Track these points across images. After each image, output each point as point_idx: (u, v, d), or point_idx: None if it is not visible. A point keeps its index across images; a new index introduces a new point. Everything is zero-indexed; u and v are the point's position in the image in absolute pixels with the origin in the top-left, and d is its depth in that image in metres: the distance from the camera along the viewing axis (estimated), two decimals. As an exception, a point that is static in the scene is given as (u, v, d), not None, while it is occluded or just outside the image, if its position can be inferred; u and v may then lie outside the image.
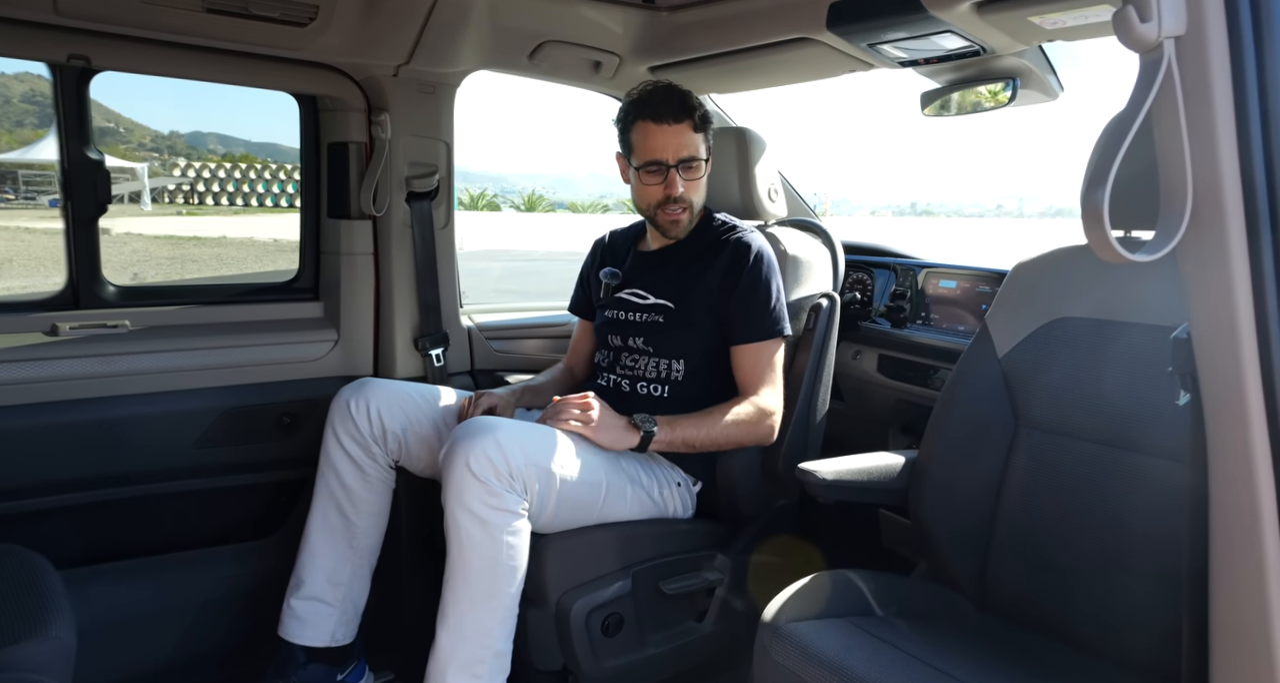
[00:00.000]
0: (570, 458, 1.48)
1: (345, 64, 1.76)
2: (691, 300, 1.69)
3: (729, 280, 1.66)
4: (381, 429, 1.61)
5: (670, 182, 1.63)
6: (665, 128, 1.62)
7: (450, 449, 1.37)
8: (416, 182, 1.88)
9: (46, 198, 19.10)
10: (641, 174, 1.66)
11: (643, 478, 1.63)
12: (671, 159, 1.63)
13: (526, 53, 1.88)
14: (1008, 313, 1.47)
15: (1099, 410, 1.31)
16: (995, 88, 1.74)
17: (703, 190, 1.70)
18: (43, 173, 19.77)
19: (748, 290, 1.65)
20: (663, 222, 1.69)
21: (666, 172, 1.63)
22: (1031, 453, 1.40)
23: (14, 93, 25.90)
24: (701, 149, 1.66)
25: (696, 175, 1.66)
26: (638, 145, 1.65)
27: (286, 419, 1.84)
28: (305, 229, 1.94)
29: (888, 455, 1.55)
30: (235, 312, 1.83)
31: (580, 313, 1.93)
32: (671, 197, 1.64)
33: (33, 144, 20.78)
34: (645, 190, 1.67)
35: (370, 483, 1.63)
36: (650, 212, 1.70)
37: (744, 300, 1.65)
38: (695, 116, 1.64)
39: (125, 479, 1.65)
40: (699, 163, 1.65)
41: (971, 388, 1.47)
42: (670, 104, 1.62)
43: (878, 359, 2.12)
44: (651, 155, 1.63)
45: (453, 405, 1.71)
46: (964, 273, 2.00)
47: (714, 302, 1.68)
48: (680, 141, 1.62)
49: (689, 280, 1.71)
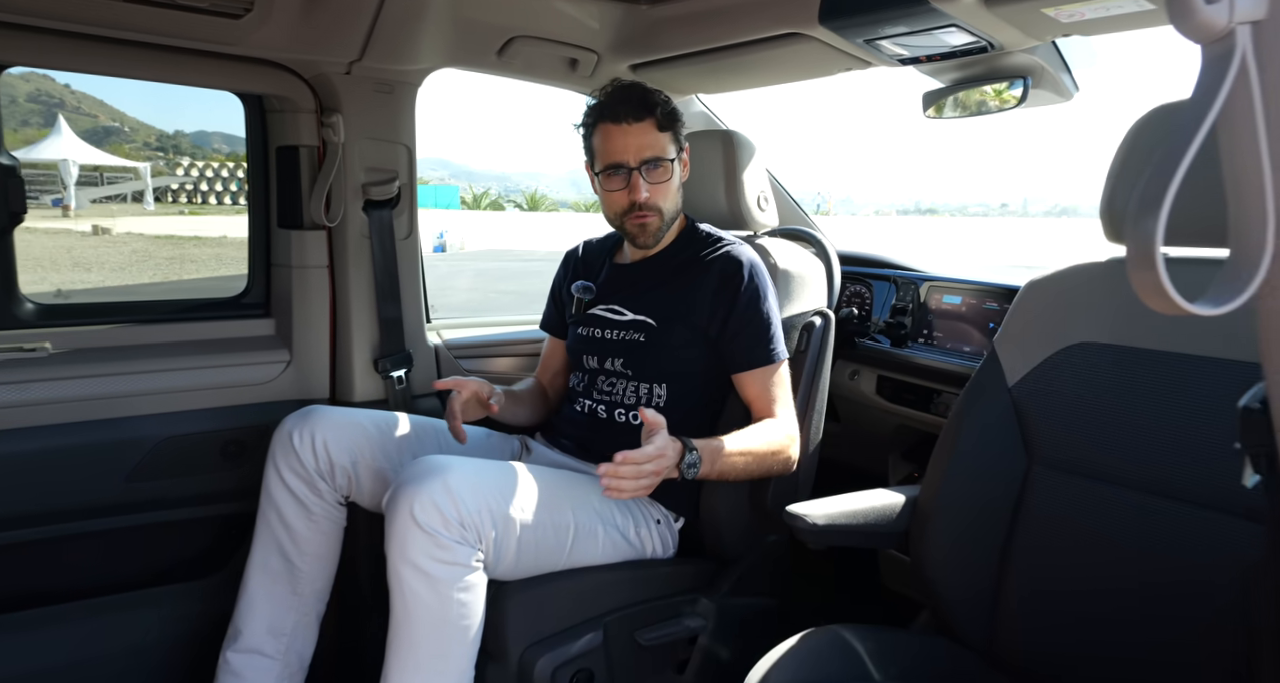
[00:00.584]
0: (533, 499, 1.33)
1: (291, 60, 1.61)
2: (675, 318, 1.55)
3: (722, 300, 1.52)
4: (329, 462, 1.47)
5: (633, 186, 1.49)
6: (625, 128, 1.48)
7: (394, 495, 1.22)
8: (374, 189, 1.74)
9: (49, 197, 19.09)
10: (603, 180, 1.53)
11: (617, 517, 1.48)
12: (633, 161, 1.49)
13: (494, 49, 1.74)
14: (1018, 336, 1.33)
15: (1123, 450, 1.18)
16: (1004, 88, 1.59)
17: (674, 195, 1.55)
18: (45, 173, 19.74)
19: (746, 311, 1.51)
20: (631, 230, 1.55)
21: (629, 175, 1.49)
22: (1046, 494, 1.26)
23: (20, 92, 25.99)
24: (668, 149, 1.52)
25: (663, 178, 1.52)
26: (599, 150, 1.52)
27: (233, 447, 1.70)
28: (254, 240, 1.79)
29: (886, 494, 1.41)
30: (176, 331, 1.68)
31: (552, 331, 1.79)
32: (636, 203, 1.50)
33: (35, 144, 20.76)
34: (609, 198, 1.54)
35: (316, 522, 1.49)
36: (617, 221, 1.57)
37: (745, 322, 1.51)
38: (658, 113, 1.49)
39: (44, 518, 1.50)
40: (665, 164, 1.51)
41: (978, 419, 1.34)
42: (628, 102, 1.48)
43: (876, 380, 1.98)
44: (611, 158, 1.50)
45: (409, 433, 1.57)
46: (970, 288, 1.84)
47: (701, 321, 1.53)
48: (642, 142, 1.49)
49: (672, 296, 1.56)
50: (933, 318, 1.90)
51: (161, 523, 1.64)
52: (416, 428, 1.60)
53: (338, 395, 1.83)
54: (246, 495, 1.65)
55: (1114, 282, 1.24)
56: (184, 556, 1.70)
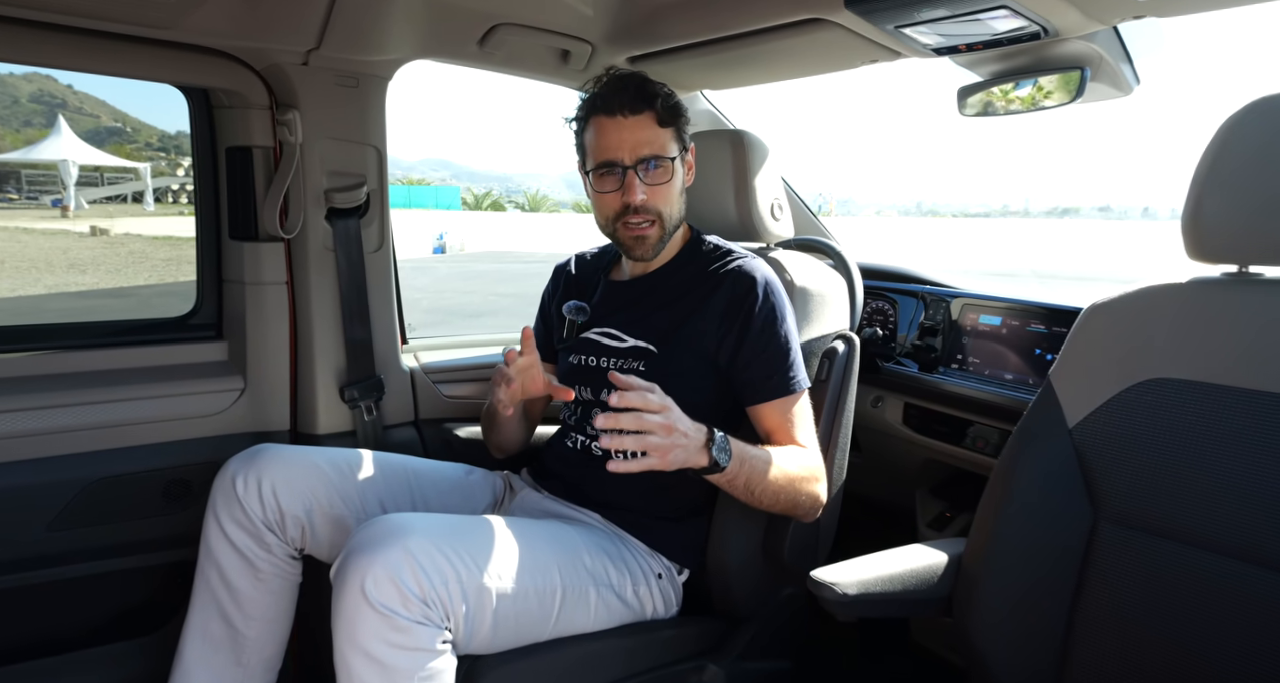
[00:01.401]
0: (513, 562, 1.14)
1: (238, 48, 1.40)
2: (679, 342, 1.34)
3: (733, 324, 1.32)
4: (278, 511, 1.27)
5: (628, 186, 1.29)
6: (619, 121, 1.29)
7: (343, 566, 1.03)
8: (338, 195, 1.53)
9: (49, 198, 18.99)
10: (594, 179, 1.33)
11: (612, 575, 1.29)
12: (628, 158, 1.29)
13: (475, 38, 1.53)
14: (1080, 368, 1.14)
15: (1208, 507, 1.00)
16: (1054, 81, 1.38)
17: (675, 200, 1.35)
18: (46, 173, 19.64)
19: (761, 336, 1.31)
20: (624, 239, 1.35)
21: (623, 175, 1.30)
22: (1116, 556, 1.08)
23: (22, 93, 26.00)
24: (669, 146, 1.32)
25: (663, 179, 1.31)
26: (591, 147, 1.33)
27: (177, 488, 1.50)
28: (203, 254, 1.59)
29: (924, 552, 1.22)
30: (113, 356, 1.48)
31: (543, 357, 1.57)
32: (630, 205, 1.30)
33: (36, 143, 20.66)
34: (601, 201, 1.34)
35: (264, 581, 1.29)
36: (610, 228, 1.36)
37: (760, 348, 1.31)
38: (658, 106, 1.30)
39: None
40: (666, 163, 1.31)
41: (1033, 465, 1.15)
42: (624, 92, 1.29)
43: (903, 408, 1.78)
44: (604, 155, 1.30)
45: (375, 475, 1.37)
46: (1012, 307, 1.64)
47: (709, 346, 1.33)
48: (638, 137, 1.29)
49: (676, 317, 1.36)
50: (967, 340, 1.69)
51: (94, 575, 1.44)
52: (385, 468, 1.40)
53: (299, 427, 1.63)
54: (192, 541, 1.44)
55: (1198, 306, 1.06)
56: (120, 611, 1.50)
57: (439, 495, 1.43)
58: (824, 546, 1.49)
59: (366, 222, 1.60)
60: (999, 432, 1.60)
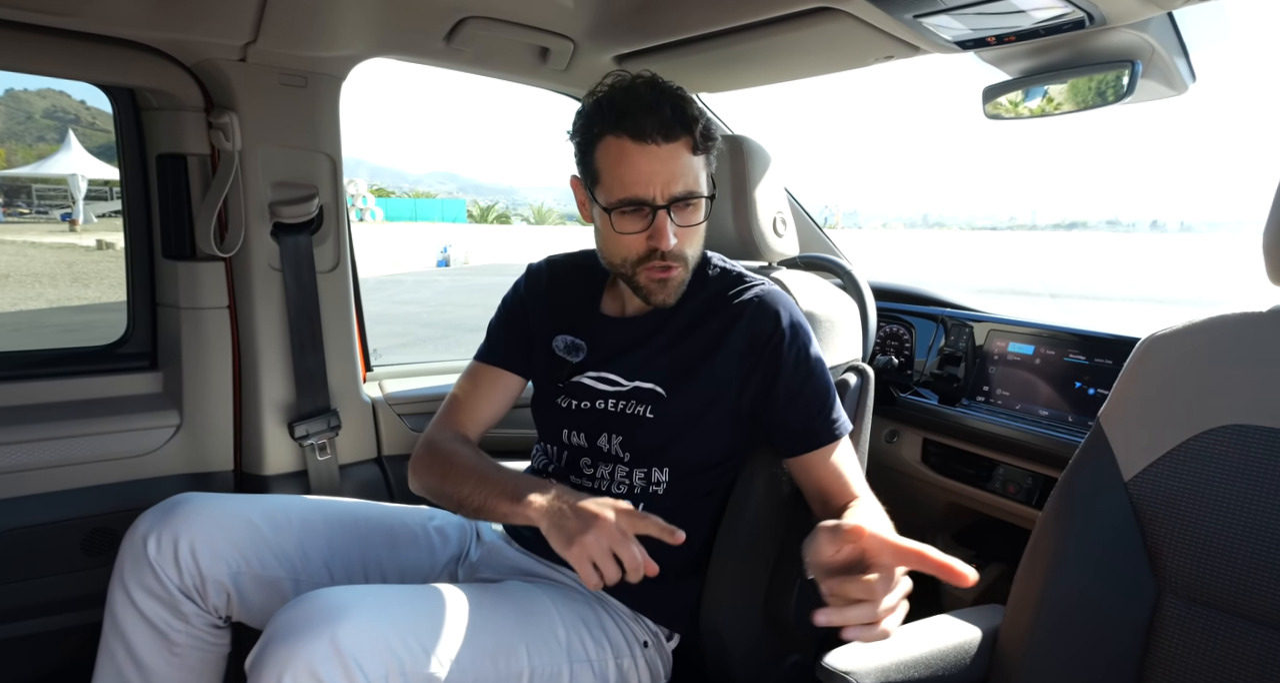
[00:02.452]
0: (469, 643, 0.96)
1: (162, 42, 1.23)
2: (694, 386, 1.14)
3: (757, 364, 1.13)
4: (197, 577, 1.09)
5: (657, 230, 1.06)
6: (651, 149, 1.04)
7: (258, 659, 0.86)
8: (285, 209, 1.36)
9: (59, 212, 19.04)
10: (614, 217, 1.09)
11: (590, 650, 1.10)
12: (660, 197, 1.06)
13: (440, 33, 1.36)
14: (1138, 410, 0.97)
15: None
16: (1099, 78, 1.21)
17: (701, 241, 1.15)
18: (56, 187, 19.69)
19: (795, 375, 1.12)
20: (645, 284, 1.12)
21: (653, 215, 1.07)
22: (1185, 638, 0.91)
23: (36, 109, 26.28)
24: (703, 181, 1.09)
25: (696, 219, 1.10)
26: (608, 174, 1.08)
27: (99, 539, 1.33)
28: (134, 274, 1.42)
29: (953, 626, 1.05)
30: (30, 390, 1.31)
31: (506, 363, 1.29)
32: (660, 251, 1.08)
33: (47, 158, 20.72)
34: (619, 241, 1.10)
35: (180, 657, 1.11)
36: (628, 270, 1.13)
37: (796, 390, 1.12)
38: (695, 132, 1.06)
39: None
40: (699, 202, 1.09)
41: (1082, 526, 0.98)
42: (658, 113, 1.04)
43: (921, 445, 1.59)
44: (631, 191, 1.06)
45: (319, 527, 1.19)
46: (1046, 334, 1.46)
47: (729, 391, 1.14)
48: (673, 170, 1.05)
49: (687, 356, 1.16)
50: (994, 369, 1.51)
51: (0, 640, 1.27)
52: (331, 520, 1.21)
53: (244, 468, 1.45)
54: None
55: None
56: (27, 680, 1.32)
57: (393, 548, 1.25)
58: None
59: (319, 237, 1.43)
60: (1031, 475, 1.41)
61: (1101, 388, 1.35)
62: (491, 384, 1.28)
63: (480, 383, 1.29)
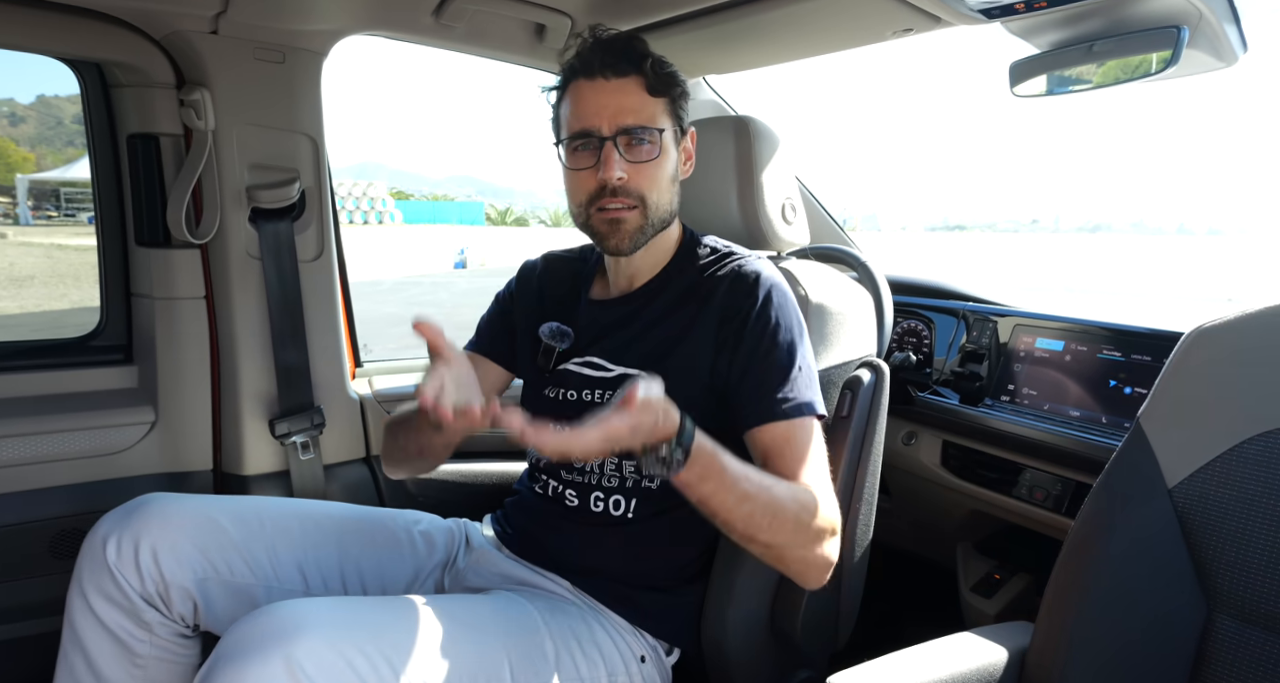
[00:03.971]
0: (445, 660, 0.88)
1: (127, 10, 1.16)
2: (676, 367, 1.07)
3: (728, 334, 1.05)
4: (160, 582, 1.02)
5: (605, 160, 1.04)
6: (599, 84, 1.04)
7: (208, 677, 0.79)
8: (263, 193, 1.29)
9: (86, 214, 19.30)
10: (567, 154, 1.08)
11: (581, 667, 1.02)
12: (606, 128, 1.04)
13: (429, 8, 1.29)
14: (1183, 410, 0.88)
15: None
16: (1140, 48, 1.11)
17: (664, 185, 1.08)
18: (83, 190, 19.97)
19: (758, 345, 1.03)
20: (598, 225, 1.08)
21: (600, 147, 1.04)
22: (1242, 665, 0.82)
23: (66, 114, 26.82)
24: (659, 117, 1.06)
25: (648, 156, 1.05)
26: (565, 115, 1.08)
27: (68, 541, 1.26)
28: (107, 262, 1.35)
29: (975, 646, 0.95)
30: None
31: (491, 354, 1.26)
32: (607, 185, 1.04)
33: (74, 162, 21.00)
34: (573, 179, 1.08)
35: (143, 668, 1.03)
36: (582, 213, 1.09)
37: (755, 360, 1.03)
38: (646, 67, 1.05)
39: None
40: (653, 135, 1.05)
41: (1121, 537, 0.89)
42: (610, 52, 1.05)
43: (941, 448, 1.49)
44: (579, 123, 1.05)
45: (294, 531, 1.11)
46: (1076, 328, 1.36)
47: (704, 367, 1.06)
48: (621, 103, 1.04)
49: (667, 337, 1.09)
50: (1020, 367, 1.41)
51: None
52: (307, 522, 1.14)
53: (224, 468, 1.38)
54: None
55: None
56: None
57: (374, 554, 1.17)
58: (846, 620, 1.22)
59: (301, 224, 1.35)
60: (1061, 481, 1.31)
61: (1139, 387, 1.25)
62: (480, 377, 1.20)
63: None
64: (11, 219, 18.14)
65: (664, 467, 0.84)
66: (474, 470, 1.54)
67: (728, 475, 0.88)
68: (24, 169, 20.66)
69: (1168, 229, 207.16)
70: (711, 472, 0.87)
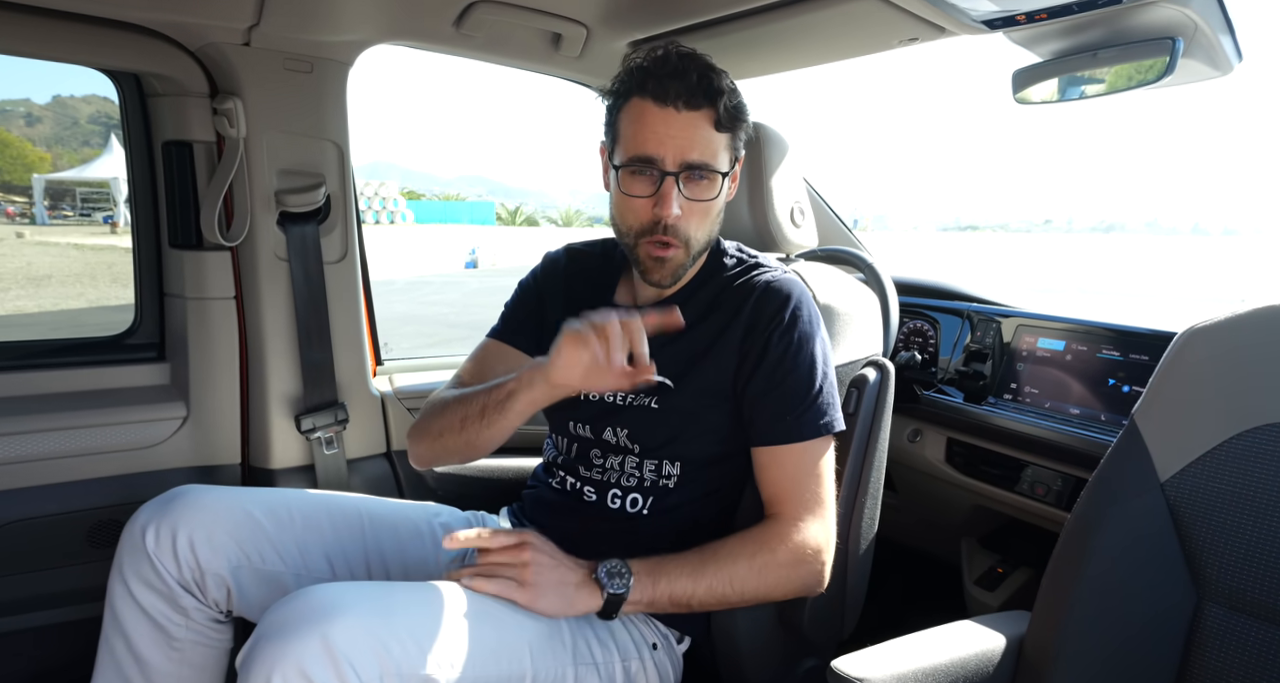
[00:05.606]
0: (469, 644, 0.92)
1: (165, 24, 1.22)
2: (700, 376, 1.10)
3: (751, 349, 1.08)
4: (196, 569, 1.07)
5: (663, 196, 1.04)
6: (670, 113, 1.02)
7: (248, 656, 0.83)
8: (291, 197, 1.34)
9: (101, 214, 19.46)
10: (623, 177, 1.07)
11: (595, 652, 1.06)
12: (671, 161, 1.03)
13: (449, 19, 1.34)
14: (1176, 407, 0.92)
15: None
16: (1137, 58, 1.15)
17: (711, 223, 1.10)
18: (98, 190, 20.14)
19: (779, 362, 1.07)
20: (644, 260, 1.09)
21: (660, 180, 1.04)
22: (1228, 653, 0.86)
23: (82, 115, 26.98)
24: (721, 156, 1.06)
25: (706, 195, 1.06)
26: (626, 133, 1.06)
27: (104, 531, 1.31)
28: (142, 264, 1.41)
29: (975, 632, 0.99)
30: (37, 380, 1.31)
31: (514, 341, 1.27)
32: (661, 221, 1.05)
33: (90, 162, 21.18)
34: (626, 204, 1.08)
35: (180, 652, 1.08)
36: (631, 239, 1.10)
37: (773, 377, 1.07)
38: (719, 105, 1.03)
39: None
40: (714, 178, 1.06)
41: (1116, 530, 0.93)
42: (684, 77, 1.02)
43: (945, 445, 1.53)
44: (642, 148, 1.04)
45: (322, 522, 1.16)
46: (1077, 329, 1.39)
47: (727, 378, 1.10)
48: (690, 137, 1.03)
49: (697, 347, 1.12)
50: (1023, 366, 1.45)
51: (2, 634, 1.26)
52: (334, 514, 1.19)
53: (251, 461, 1.44)
54: None
55: None
56: (33, 674, 1.31)
57: (398, 544, 1.22)
58: (852, 611, 1.26)
59: (326, 227, 1.41)
60: (1062, 477, 1.35)
61: (1137, 385, 1.28)
62: (497, 360, 1.25)
63: (484, 359, 1.26)
64: (28, 219, 18.33)
65: (615, 603, 0.99)
66: (490, 465, 1.59)
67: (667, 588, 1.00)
68: (40, 169, 20.81)
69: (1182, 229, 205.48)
70: (659, 596, 1.00)
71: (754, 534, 1.05)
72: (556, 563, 1.01)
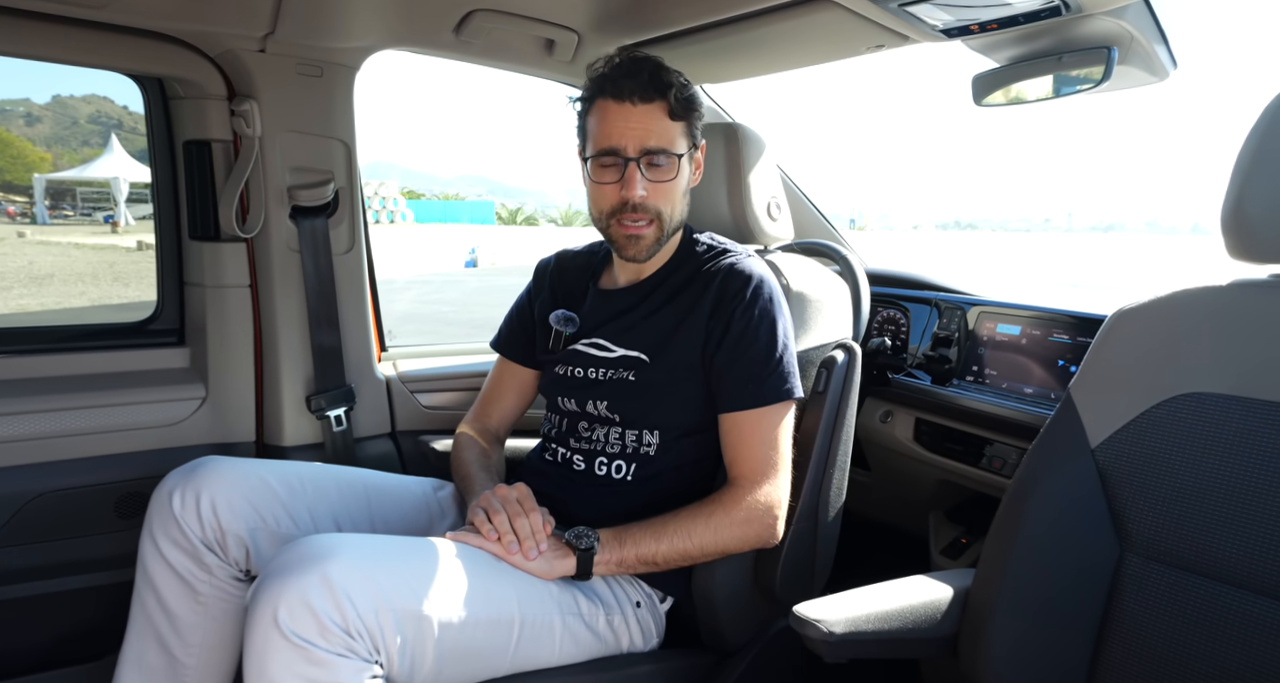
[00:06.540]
0: (460, 590, 1.02)
1: (187, 33, 1.32)
2: (672, 352, 1.23)
3: (717, 325, 1.21)
4: (218, 530, 1.17)
5: (628, 180, 1.18)
6: (627, 108, 1.18)
7: (256, 592, 0.92)
8: (302, 192, 1.44)
9: (102, 214, 19.49)
10: (593, 168, 1.22)
11: (581, 605, 1.16)
12: (631, 149, 1.18)
13: (449, 26, 1.44)
14: (1105, 380, 1.01)
15: (1252, 541, 0.88)
16: (1080, 65, 1.25)
17: (677, 201, 1.24)
18: (99, 190, 20.16)
19: (741, 335, 1.19)
20: (617, 236, 1.24)
21: (624, 166, 1.19)
22: (1144, 595, 0.95)
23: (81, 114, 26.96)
24: (677, 141, 1.21)
25: (666, 176, 1.21)
26: (593, 131, 1.22)
27: (130, 502, 1.41)
28: (163, 254, 1.51)
29: (926, 584, 1.09)
30: (67, 362, 1.41)
31: (511, 354, 1.45)
32: (629, 201, 1.19)
33: (90, 161, 21.22)
34: (597, 191, 1.23)
35: (205, 605, 1.19)
36: (603, 222, 1.25)
37: (736, 349, 1.19)
38: (670, 96, 1.19)
39: None
40: (672, 160, 1.20)
41: (1051, 489, 1.02)
42: (636, 76, 1.18)
43: (914, 424, 1.63)
44: (606, 141, 1.19)
45: (330, 491, 1.26)
46: (1031, 315, 1.50)
47: (696, 352, 1.22)
48: (646, 127, 1.18)
49: (668, 325, 1.25)
50: (984, 351, 1.55)
51: (36, 597, 1.36)
52: (342, 484, 1.29)
53: (265, 439, 1.54)
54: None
55: (1240, 311, 0.94)
56: (64, 635, 1.41)
57: (400, 514, 1.33)
58: (820, 575, 1.36)
59: (335, 221, 1.51)
60: (1018, 451, 1.45)
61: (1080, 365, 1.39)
62: (509, 377, 1.45)
63: (499, 377, 1.46)
64: (29, 218, 18.38)
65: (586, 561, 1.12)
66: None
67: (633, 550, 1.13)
68: (41, 169, 20.82)
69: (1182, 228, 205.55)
70: (627, 555, 1.13)
71: (713, 497, 1.17)
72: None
